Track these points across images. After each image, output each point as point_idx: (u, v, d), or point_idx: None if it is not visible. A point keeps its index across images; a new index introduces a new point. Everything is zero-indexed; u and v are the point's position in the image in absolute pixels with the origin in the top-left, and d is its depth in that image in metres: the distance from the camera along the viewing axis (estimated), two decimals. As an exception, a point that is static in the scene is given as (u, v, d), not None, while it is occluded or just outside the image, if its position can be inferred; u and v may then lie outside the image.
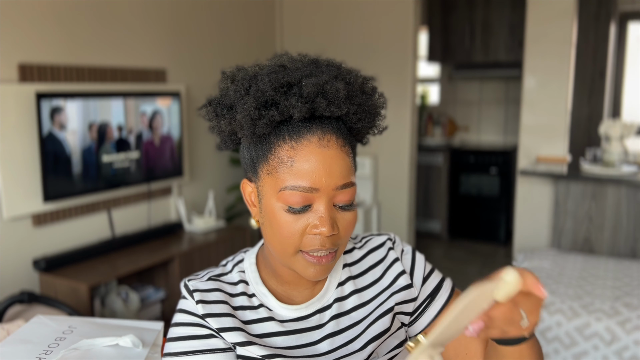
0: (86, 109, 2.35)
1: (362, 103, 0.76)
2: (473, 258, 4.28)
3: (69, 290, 2.17)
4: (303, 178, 0.71)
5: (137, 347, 0.86)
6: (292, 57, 0.79)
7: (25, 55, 2.22)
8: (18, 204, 2.20)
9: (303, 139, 0.72)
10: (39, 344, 0.87)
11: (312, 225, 0.73)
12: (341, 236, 0.76)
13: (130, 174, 2.58)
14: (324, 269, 0.76)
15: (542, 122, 3.19)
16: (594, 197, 2.94)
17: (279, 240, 0.75)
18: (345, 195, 0.74)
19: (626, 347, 2.04)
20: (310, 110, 0.72)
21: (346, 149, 0.75)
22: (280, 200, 0.73)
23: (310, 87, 0.71)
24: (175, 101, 2.76)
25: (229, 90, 0.77)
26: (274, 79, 0.73)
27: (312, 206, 0.73)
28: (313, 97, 0.71)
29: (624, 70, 4.62)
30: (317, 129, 0.73)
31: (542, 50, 3.13)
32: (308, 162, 0.71)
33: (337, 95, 0.72)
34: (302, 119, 0.73)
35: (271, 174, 0.74)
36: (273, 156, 0.73)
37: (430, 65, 5.20)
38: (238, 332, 0.78)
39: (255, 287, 0.83)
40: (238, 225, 3.33)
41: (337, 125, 0.75)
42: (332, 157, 0.72)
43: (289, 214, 0.73)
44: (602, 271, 2.52)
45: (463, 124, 5.12)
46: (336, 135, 0.74)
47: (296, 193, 0.72)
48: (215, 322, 0.78)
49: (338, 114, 0.73)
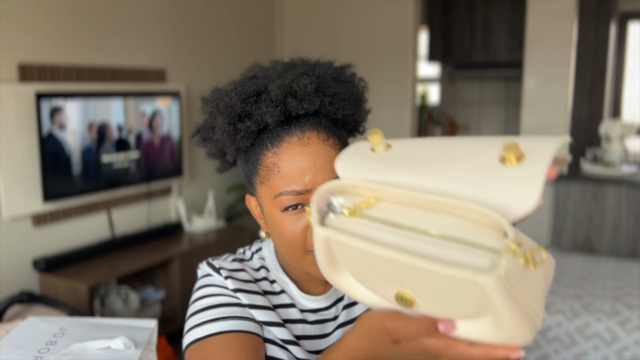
0: (86, 109, 2.34)
1: (337, 92, 0.76)
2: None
3: (69, 290, 2.16)
4: (293, 182, 0.71)
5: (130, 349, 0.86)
6: (263, 66, 0.79)
7: (25, 55, 2.22)
8: (18, 204, 2.20)
9: (284, 143, 0.72)
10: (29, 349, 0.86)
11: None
12: None
13: (130, 174, 2.58)
14: None
15: (543, 122, 3.19)
16: (594, 197, 2.94)
17: (286, 244, 0.74)
18: None
19: (626, 347, 2.04)
20: (283, 112, 0.71)
21: (330, 142, 0.74)
22: (277, 207, 0.73)
23: (277, 90, 0.71)
24: (175, 101, 2.76)
25: (205, 113, 0.79)
26: (240, 91, 0.73)
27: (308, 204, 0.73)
28: (283, 99, 0.71)
29: (624, 70, 4.61)
30: (296, 130, 0.72)
31: (543, 50, 3.13)
32: (293, 164, 0.71)
33: (306, 90, 0.71)
34: (279, 122, 0.72)
35: (264, 183, 0.74)
36: (261, 166, 0.74)
37: (431, 65, 5.19)
38: (269, 311, 0.77)
39: (276, 274, 0.83)
40: (238, 225, 3.33)
41: (316, 121, 0.74)
42: (315, 153, 0.72)
43: (287, 217, 0.73)
44: (602, 271, 2.52)
45: (463, 124, 5.12)
46: (317, 131, 0.73)
47: (290, 197, 0.71)
48: (246, 298, 0.76)
49: (312, 109, 0.73)
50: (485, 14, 4.53)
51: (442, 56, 4.80)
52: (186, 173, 2.94)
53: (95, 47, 2.49)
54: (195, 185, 3.13)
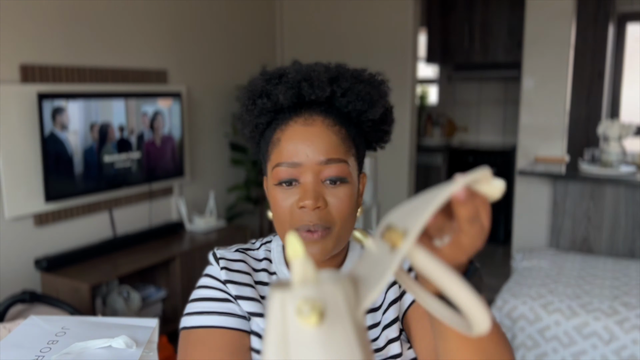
0: (88, 110, 2.36)
1: (352, 87, 0.78)
2: (472, 258, 4.29)
3: (71, 289, 2.17)
4: (288, 155, 0.75)
5: (131, 348, 0.86)
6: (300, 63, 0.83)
7: (27, 56, 2.23)
8: (20, 204, 2.21)
9: (290, 121, 0.77)
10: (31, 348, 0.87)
11: (298, 199, 0.76)
12: (332, 213, 0.76)
13: (131, 174, 2.59)
14: (317, 247, 0.75)
15: (541, 123, 3.21)
16: (593, 197, 2.96)
17: (277, 220, 0.78)
18: (332, 170, 0.75)
19: (624, 346, 2.06)
20: (296, 95, 0.76)
21: (335, 129, 0.77)
22: (273, 179, 0.77)
23: (294, 73, 0.77)
24: (176, 102, 2.77)
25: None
26: (265, 72, 0.80)
27: (299, 181, 0.76)
28: (297, 82, 0.76)
29: (623, 70, 4.63)
30: (305, 112, 0.77)
31: (541, 51, 3.14)
32: (291, 140, 0.76)
33: (319, 77, 0.76)
34: (293, 105, 0.77)
35: (269, 159, 0.79)
36: (270, 143, 0.79)
37: (429, 66, 5.21)
38: (255, 302, 0.80)
39: (278, 267, 0.86)
40: (239, 224, 3.34)
41: (326, 110, 0.78)
42: (315, 133, 0.76)
43: (280, 191, 0.77)
44: (600, 271, 2.54)
45: (462, 125, 5.13)
46: (324, 117, 0.77)
47: (282, 169, 0.76)
48: (235, 289, 0.81)
49: (323, 96, 0.76)
50: (484, 15, 4.55)
51: (441, 57, 4.81)
52: (187, 173, 2.95)
53: (97, 48, 2.51)
54: (197, 185, 3.14)
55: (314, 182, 0.75)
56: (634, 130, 2.88)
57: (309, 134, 0.75)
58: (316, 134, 0.76)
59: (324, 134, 0.76)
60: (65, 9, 2.36)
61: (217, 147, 3.30)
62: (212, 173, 3.28)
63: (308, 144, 0.75)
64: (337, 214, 0.76)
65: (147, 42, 2.76)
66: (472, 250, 0.50)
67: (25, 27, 2.21)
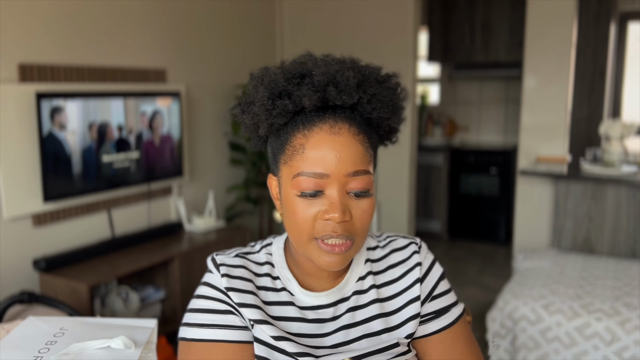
0: (86, 109, 2.35)
1: (377, 93, 0.77)
2: (473, 258, 4.28)
3: (69, 290, 2.17)
4: (314, 164, 0.73)
5: (130, 348, 0.86)
6: (315, 57, 0.80)
7: (26, 55, 2.22)
8: (18, 204, 2.20)
9: (315, 127, 0.74)
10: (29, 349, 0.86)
11: (323, 211, 0.74)
12: (355, 225, 0.76)
13: (130, 174, 2.58)
14: (338, 259, 0.76)
15: (542, 122, 3.20)
16: (594, 197, 2.94)
17: (295, 227, 0.76)
18: (359, 182, 0.74)
19: (626, 347, 2.04)
20: (321, 99, 0.73)
21: (360, 138, 0.75)
22: (294, 187, 0.75)
23: (321, 76, 0.73)
24: (175, 101, 2.76)
25: (249, 86, 0.80)
26: (286, 70, 0.76)
27: (324, 192, 0.74)
28: (324, 86, 0.73)
29: (624, 70, 4.62)
30: (330, 118, 0.74)
31: (542, 50, 3.13)
32: (318, 149, 0.73)
33: (347, 83, 0.73)
34: (315, 108, 0.74)
35: (287, 163, 0.76)
36: (288, 146, 0.75)
37: (430, 65, 5.20)
38: (256, 309, 0.80)
39: (280, 271, 0.85)
40: (238, 225, 3.33)
41: (351, 115, 0.76)
42: (343, 144, 0.73)
43: (302, 200, 0.74)
44: (602, 271, 2.52)
45: (463, 124, 5.12)
46: (349, 124, 0.75)
47: (307, 179, 0.73)
48: (237, 297, 0.80)
49: (349, 102, 0.74)
50: (485, 14, 4.54)
51: (442, 56, 4.80)
52: (186, 173, 2.94)
53: (96, 48, 2.50)
54: (196, 185, 3.13)
55: (340, 195, 0.74)
56: (636, 129, 2.86)
57: (336, 143, 0.73)
58: (343, 144, 0.73)
59: (350, 144, 0.74)
60: (64, 8, 2.35)
61: (216, 146, 3.29)
62: (212, 173, 3.27)
63: (335, 154, 0.73)
64: (360, 226, 0.77)
65: (146, 42, 2.75)
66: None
67: (24, 26, 2.21)
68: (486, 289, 3.60)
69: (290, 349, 0.78)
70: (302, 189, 0.74)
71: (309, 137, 0.73)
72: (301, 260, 0.83)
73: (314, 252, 0.76)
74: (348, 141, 0.73)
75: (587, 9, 4.24)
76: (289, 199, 0.76)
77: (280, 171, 0.78)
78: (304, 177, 0.73)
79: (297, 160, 0.74)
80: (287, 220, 0.78)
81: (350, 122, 0.75)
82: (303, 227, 0.75)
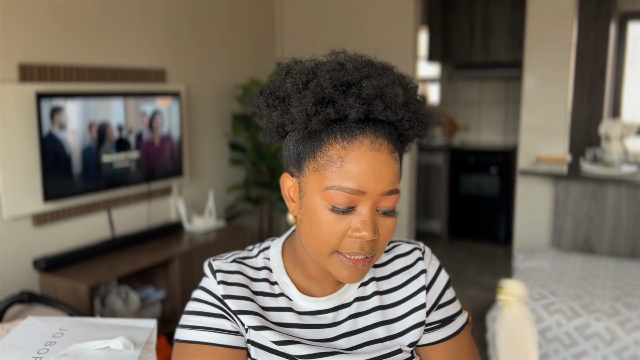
0: (86, 109, 2.35)
1: (417, 111, 0.75)
2: (473, 258, 4.28)
3: (69, 290, 2.16)
4: (351, 179, 0.70)
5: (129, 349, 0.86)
6: (350, 56, 0.78)
7: (25, 55, 2.22)
8: (18, 203, 2.20)
9: (355, 140, 0.71)
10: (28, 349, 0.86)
11: (354, 229, 0.72)
12: (380, 242, 0.75)
13: (130, 174, 2.58)
14: (359, 273, 0.75)
15: (542, 122, 3.19)
16: (594, 197, 2.94)
17: (317, 239, 0.74)
18: (390, 201, 0.73)
19: (626, 347, 2.04)
20: (366, 112, 0.71)
21: (395, 155, 0.74)
22: (325, 199, 0.72)
23: (370, 89, 0.70)
24: (175, 101, 2.76)
25: (284, 82, 0.75)
26: (334, 76, 0.72)
27: (356, 209, 0.72)
28: (371, 100, 0.70)
29: (624, 70, 4.62)
30: (370, 132, 0.71)
31: (542, 50, 3.13)
32: (358, 164, 0.70)
33: (396, 100, 0.71)
34: (357, 120, 0.72)
35: (318, 171, 0.73)
36: (322, 154, 0.72)
37: (430, 65, 5.20)
38: (255, 316, 0.79)
39: (278, 276, 0.84)
40: (238, 225, 3.33)
41: (389, 130, 0.74)
42: (383, 162, 0.71)
43: (331, 214, 0.72)
44: (602, 271, 2.52)
45: (463, 124, 5.12)
46: (387, 140, 0.73)
47: (342, 194, 0.70)
48: (234, 304, 0.79)
49: (393, 119, 0.73)
50: (485, 14, 4.54)
51: (442, 56, 4.80)
52: (186, 173, 2.94)
53: (96, 47, 2.50)
54: (196, 185, 3.13)
55: (372, 213, 0.72)
56: (636, 129, 2.86)
57: (377, 162, 0.71)
58: (384, 163, 0.71)
59: (388, 162, 0.72)
60: (64, 8, 2.35)
61: (216, 146, 3.29)
62: (212, 173, 3.27)
63: (375, 173, 0.71)
64: (383, 242, 0.76)
65: (146, 41, 2.75)
66: None
67: (24, 26, 2.20)
68: (486, 289, 3.60)
69: (297, 352, 0.77)
70: (334, 203, 0.71)
71: (349, 150, 0.71)
72: (309, 265, 0.82)
73: (335, 265, 0.75)
74: (387, 159, 0.72)
75: (587, 9, 4.24)
76: (314, 209, 0.73)
77: (304, 176, 0.75)
78: (339, 192, 0.70)
79: (332, 171, 0.71)
80: (308, 229, 0.75)
81: (389, 138, 0.73)
82: (329, 241, 0.73)
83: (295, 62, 0.78)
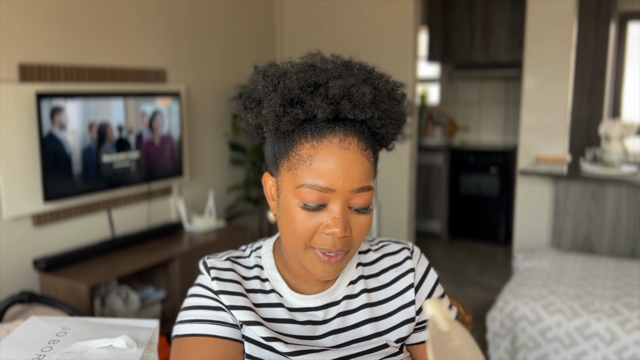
0: (86, 109, 2.35)
1: (388, 109, 0.76)
2: (473, 258, 4.28)
3: (69, 290, 2.17)
4: (320, 177, 0.72)
5: (132, 348, 0.86)
6: (324, 58, 0.79)
7: (26, 55, 2.22)
8: (18, 204, 2.20)
9: (324, 139, 0.73)
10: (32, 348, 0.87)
11: (325, 225, 0.74)
12: (354, 238, 0.77)
13: (130, 174, 2.58)
14: (333, 269, 0.77)
15: (542, 122, 3.20)
16: (594, 197, 2.94)
17: (292, 234, 0.76)
18: (361, 198, 0.75)
19: (626, 347, 2.04)
20: (334, 111, 0.72)
21: (367, 153, 0.75)
22: (297, 197, 0.74)
23: (337, 89, 0.71)
24: (175, 101, 2.76)
25: (258, 84, 0.77)
26: (301, 77, 0.73)
27: (327, 206, 0.74)
28: (338, 99, 0.72)
29: (624, 70, 4.62)
30: (340, 131, 0.73)
31: (542, 50, 3.13)
32: (327, 162, 0.72)
33: (363, 99, 0.72)
34: (326, 119, 0.73)
35: (290, 170, 0.75)
36: (294, 153, 0.74)
37: (430, 65, 5.20)
38: (248, 311, 0.80)
39: (270, 273, 0.86)
40: (238, 225, 3.33)
41: (360, 129, 0.75)
42: (352, 160, 0.73)
43: (303, 211, 0.74)
44: (602, 271, 2.52)
45: (463, 124, 5.12)
46: (358, 139, 0.74)
47: (312, 191, 0.72)
48: (227, 299, 0.81)
49: (362, 118, 0.74)
50: (485, 14, 4.54)
51: (442, 56, 4.80)
52: (186, 173, 2.94)
53: (96, 48, 2.50)
54: (196, 185, 3.13)
55: (343, 210, 0.74)
56: (636, 129, 2.86)
57: (345, 160, 0.72)
58: (352, 161, 0.73)
59: (358, 160, 0.73)
60: (64, 8, 2.35)
61: (216, 146, 3.29)
62: (212, 173, 3.27)
63: (343, 171, 0.72)
64: (357, 239, 0.77)
65: (146, 41, 2.75)
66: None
67: (24, 26, 2.21)
68: (486, 289, 3.60)
69: (282, 349, 0.78)
70: (305, 201, 0.73)
71: (318, 149, 0.72)
72: (292, 263, 0.84)
73: (310, 261, 0.77)
74: (356, 157, 0.73)
75: (587, 9, 4.24)
76: (289, 207, 0.76)
77: (280, 175, 0.77)
78: (309, 190, 0.72)
79: (302, 170, 0.73)
80: (284, 226, 0.77)
81: (359, 137, 0.74)
82: (302, 237, 0.75)
83: (270, 64, 0.80)
